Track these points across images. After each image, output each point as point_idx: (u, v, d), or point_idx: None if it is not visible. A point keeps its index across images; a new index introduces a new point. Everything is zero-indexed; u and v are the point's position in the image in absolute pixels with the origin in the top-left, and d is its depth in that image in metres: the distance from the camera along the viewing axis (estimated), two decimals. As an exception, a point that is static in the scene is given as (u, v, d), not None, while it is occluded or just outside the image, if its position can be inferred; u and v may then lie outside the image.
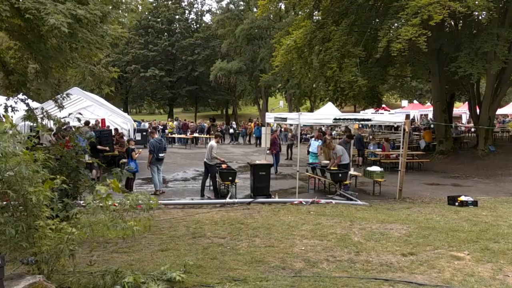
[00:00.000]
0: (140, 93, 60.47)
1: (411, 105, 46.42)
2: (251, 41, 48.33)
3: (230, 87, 55.81)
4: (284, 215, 9.80)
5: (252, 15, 45.47)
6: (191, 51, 56.75)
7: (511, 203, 11.95)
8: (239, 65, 47.86)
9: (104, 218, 4.70)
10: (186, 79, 57.63)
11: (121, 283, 4.84)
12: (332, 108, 25.37)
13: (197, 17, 64.41)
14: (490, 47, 18.74)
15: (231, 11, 51.00)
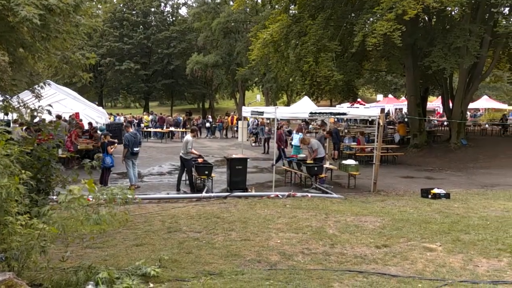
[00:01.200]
0: (115, 87, 59.69)
1: (386, 99, 46.97)
2: (227, 34, 48.13)
3: (206, 81, 55.53)
4: (260, 209, 9.82)
5: (228, 8, 45.28)
6: (167, 44, 56.24)
7: (482, 195, 12.23)
8: (215, 58, 47.64)
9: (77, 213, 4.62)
10: (162, 72, 57.09)
11: (94, 279, 4.77)
12: (308, 102, 25.44)
13: (173, 10, 63.80)
14: (463, 42, 19.07)
15: (207, 4, 50.67)
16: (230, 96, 59.58)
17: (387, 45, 20.01)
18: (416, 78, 23.89)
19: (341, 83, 21.49)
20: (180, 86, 58.08)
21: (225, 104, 71.26)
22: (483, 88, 48.19)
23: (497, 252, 6.42)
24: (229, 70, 48.57)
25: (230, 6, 44.56)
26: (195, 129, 14.67)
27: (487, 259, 6.14)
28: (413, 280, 5.37)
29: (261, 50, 22.35)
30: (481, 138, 26.47)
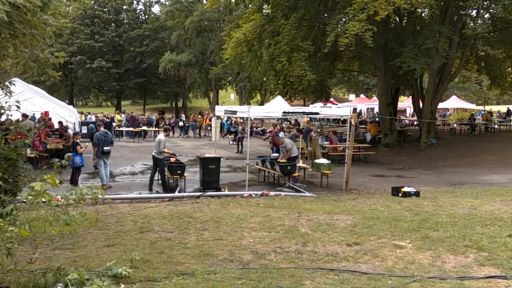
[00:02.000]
0: (86, 85, 58.75)
1: (358, 99, 47.61)
2: (201, 33, 47.95)
3: (179, 80, 55.21)
4: (233, 208, 9.81)
5: (201, 7, 45.14)
6: (140, 43, 55.66)
7: (450, 193, 12.51)
8: (188, 57, 47.40)
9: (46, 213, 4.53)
10: (134, 71, 56.45)
11: (63, 280, 4.68)
12: (281, 101, 25.60)
13: (146, 8, 63.17)
14: (432, 43, 19.46)
15: (181, 2, 50.37)
16: (204, 95, 59.36)
17: (359, 46, 20.29)
18: (387, 78, 24.27)
19: (314, 83, 21.67)
20: (153, 85, 57.57)
21: (198, 103, 70.94)
22: (452, 89, 49.30)
23: (464, 249, 6.58)
24: (203, 69, 48.40)
25: (203, 4, 44.42)
26: (168, 129, 14.55)
27: (454, 256, 6.29)
28: (383, 277, 5.45)
29: (235, 49, 22.33)
30: (450, 137, 27.07)
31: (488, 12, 21.10)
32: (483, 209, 9.80)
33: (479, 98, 59.79)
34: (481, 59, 25.62)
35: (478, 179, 15.92)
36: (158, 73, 50.34)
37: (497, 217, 8.88)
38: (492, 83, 29.29)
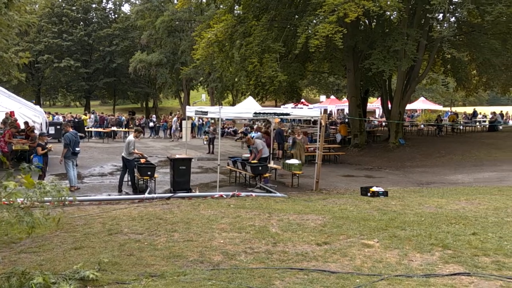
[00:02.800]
0: (54, 85, 57.42)
1: (329, 100, 48.10)
2: (172, 33, 47.59)
3: (150, 80, 54.65)
4: (204, 209, 9.77)
5: (172, 6, 44.79)
6: (109, 42, 54.81)
7: (417, 193, 12.77)
8: (159, 57, 46.97)
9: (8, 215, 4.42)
10: (103, 70, 55.53)
11: (28, 284, 4.58)
12: (252, 102, 25.63)
13: (115, 7, 62.25)
14: (401, 45, 19.84)
15: (151, 2, 49.82)
16: (175, 96, 58.87)
17: (329, 47, 20.52)
18: (356, 80, 24.62)
19: (285, 84, 21.81)
20: (122, 85, 56.76)
21: (169, 104, 70.38)
22: (420, 90, 50.33)
23: (430, 247, 6.73)
24: (174, 69, 48.02)
25: (174, 4, 44.05)
26: (139, 130, 14.33)
27: (420, 254, 6.43)
28: (351, 276, 5.53)
29: (206, 50, 22.25)
30: (417, 138, 27.65)
31: (453, 16, 21.68)
32: (448, 208, 10.04)
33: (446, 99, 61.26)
34: (447, 62, 26.26)
35: (444, 179, 16.31)
36: (128, 73, 49.66)
37: (461, 215, 9.12)
38: (458, 85, 30.06)
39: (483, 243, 6.97)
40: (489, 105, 65.67)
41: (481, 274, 5.57)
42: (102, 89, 58.99)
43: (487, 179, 15.73)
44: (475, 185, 14.40)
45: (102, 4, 60.10)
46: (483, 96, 67.58)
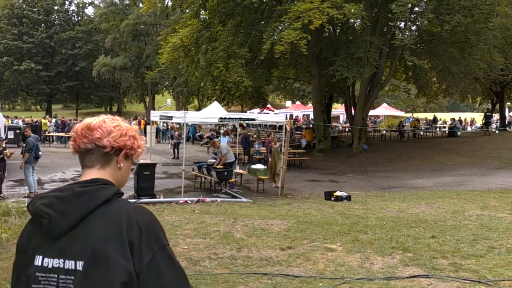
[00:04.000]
0: (14, 88, 55.77)
1: (294, 106, 48.55)
2: (136, 37, 47.11)
3: (114, 84, 53.91)
4: (168, 215, 9.69)
5: (137, 10, 44.33)
6: (72, 45, 53.75)
7: (380, 197, 13.03)
8: (124, 61, 46.40)
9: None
10: (66, 74, 54.36)
11: (-16, 294, 4.44)
12: (218, 107, 25.59)
13: (79, 9, 61.15)
14: (364, 53, 20.24)
15: (116, 5, 49.25)
16: (139, 100, 58.19)
17: (294, 54, 20.76)
18: (321, 86, 24.94)
19: (251, 89, 21.90)
20: (86, 89, 55.73)
21: (134, 108, 69.48)
22: (383, 96, 51.43)
23: (391, 250, 6.89)
24: (138, 73, 47.53)
25: (139, 8, 43.60)
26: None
27: (382, 257, 6.57)
28: (314, 279, 5.60)
29: (171, 54, 22.13)
30: (380, 143, 28.23)
31: (415, 24, 22.26)
32: (409, 212, 10.30)
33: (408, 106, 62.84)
34: (408, 69, 26.93)
35: (406, 183, 16.70)
36: (92, 76, 48.81)
37: (421, 219, 9.36)
38: (419, 91, 30.92)
39: (442, 245, 7.18)
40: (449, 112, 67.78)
41: (439, 276, 5.74)
42: (64, 93, 57.74)
43: (446, 184, 16.21)
44: (434, 189, 14.81)
45: (65, 6, 58.90)
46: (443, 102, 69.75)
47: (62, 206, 1.46)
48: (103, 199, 1.48)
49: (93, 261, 1.41)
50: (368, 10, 20.55)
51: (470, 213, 10.05)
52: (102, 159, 1.60)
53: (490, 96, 35.78)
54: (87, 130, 1.61)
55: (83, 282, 1.40)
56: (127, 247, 1.42)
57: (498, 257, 6.56)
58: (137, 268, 1.42)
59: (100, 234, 1.43)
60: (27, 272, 1.49)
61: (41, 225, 1.47)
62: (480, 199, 11.92)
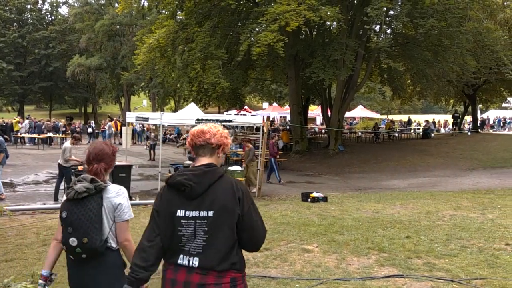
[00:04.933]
0: (-16, 88, 54.41)
1: (272, 107, 48.67)
2: (112, 37, 46.49)
3: (89, 84, 53.00)
4: (144, 217, 9.59)
5: (113, 10, 43.75)
6: (45, 45, 52.65)
7: (355, 198, 13.15)
8: (99, 61, 45.70)
9: None
10: (39, 74, 53.21)
11: (-47, 300, 4.32)
12: (195, 108, 25.43)
13: (52, 9, 59.92)
14: (340, 55, 20.43)
15: (90, 4, 48.48)
16: (115, 101, 57.46)
17: (271, 55, 20.80)
18: (298, 88, 25.08)
19: (228, 91, 21.88)
20: (60, 90, 54.64)
21: (109, 109, 68.59)
22: (358, 98, 52.02)
23: (367, 251, 6.96)
24: (114, 74, 46.86)
25: (114, 8, 43.08)
26: (77, 137, 13.77)
27: (358, 257, 6.64)
28: (291, 280, 5.62)
29: (147, 55, 21.93)
30: (356, 145, 28.53)
31: (390, 27, 22.60)
32: (384, 213, 10.43)
33: (383, 107, 63.60)
34: (384, 71, 27.29)
35: (381, 184, 16.92)
36: (66, 77, 47.86)
37: (396, 219, 9.50)
38: (394, 94, 31.36)
39: (416, 245, 7.29)
40: (423, 114, 68.90)
41: (413, 275, 5.83)
42: (37, 94, 56.50)
43: (421, 184, 16.48)
44: (409, 190, 15.04)
45: (38, 5, 57.73)
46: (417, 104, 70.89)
47: (197, 179, 2.52)
48: (219, 175, 2.57)
49: (219, 210, 2.48)
50: (344, 13, 20.76)
51: (443, 213, 10.24)
52: (211, 151, 2.65)
53: (462, 99, 36.49)
54: (201, 133, 2.64)
55: (213, 222, 2.47)
56: (237, 201, 2.52)
57: (470, 256, 6.70)
58: (241, 213, 2.52)
59: (222, 194, 2.51)
60: (173, 219, 2.52)
61: (184, 191, 2.51)
62: (453, 200, 12.17)
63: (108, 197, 3.08)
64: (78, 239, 2.97)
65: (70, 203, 3.03)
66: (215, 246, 2.48)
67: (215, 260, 2.47)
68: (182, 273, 2.50)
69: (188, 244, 2.51)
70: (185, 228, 2.50)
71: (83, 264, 3.05)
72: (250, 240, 2.61)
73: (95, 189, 3.03)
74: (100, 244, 2.99)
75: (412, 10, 19.47)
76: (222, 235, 2.49)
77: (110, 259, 3.07)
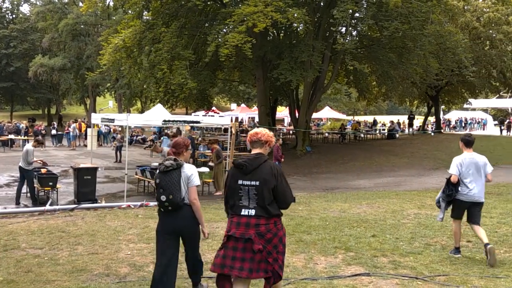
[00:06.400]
0: None
1: (240, 108, 48.71)
2: (76, 37, 45.47)
3: (53, 85, 51.71)
4: (110, 220, 9.44)
5: (77, 9, 42.83)
6: (6, 44, 51.07)
7: (323, 198, 13.28)
8: (63, 61, 44.63)
9: None
10: (-1, 74, 51.62)
11: None
12: (162, 109, 25.16)
13: (13, 7, 58.24)
14: (307, 57, 20.62)
15: (54, 3, 47.27)
16: (80, 102, 56.26)
17: (239, 56, 20.82)
18: (266, 89, 25.17)
19: (196, 92, 21.76)
20: (21, 90, 53.06)
21: (74, 110, 67.18)
22: (325, 100, 52.63)
23: (334, 250, 7.04)
24: (79, 75, 45.84)
25: (79, 7, 42.20)
26: (40, 140, 13.38)
27: (325, 257, 6.70)
28: (259, 281, 5.61)
29: (113, 55, 21.55)
30: (323, 146, 28.84)
31: (355, 30, 22.97)
32: (351, 212, 10.57)
33: (349, 109, 64.60)
34: (350, 73, 27.72)
35: (348, 184, 17.15)
36: (28, 77, 46.55)
37: (363, 219, 9.64)
38: (360, 95, 31.86)
39: (382, 244, 7.42)
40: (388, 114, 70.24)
41: (379, 273, 5.93)
42: (-3, 94, 54.79)
43: (386, 184, 16.79)
44: (375, 190, 15.29)
45: (-2, 4, 56.02)
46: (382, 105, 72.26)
47: (250, 162, 4.11)
48: (264, 160, 4.14)
49: (262, 181, 4.06)
50: (311, 15, 20.96)
51: (408, 212, 10.45)
52: (261, 146, 4.24)
53: (426, 100, 37.43)
54: (255, 133, 4.26)
55: (259, 188, 4.05)
56: (273, 176, 4.07)
57: (434, 254, 6.87)
58: (276, 183, 4.07)
59: (264, 172, 4.08)
60: (236, 186, 4.14)
61: (242, 169, 4.10)
62: (417, 199, 12.44)
63: (184, 171, 4.77)
64: (166, 196, 4.64)
65: (161, 174, 4.74)
66: (261, 202, 4.10)
67: (263, 211, 4.10)
68: (244, 219, 4.13)
69: (246, 201, 4.14)
70: (242, 191, 4.16)
71: (169, 214, 4.76)
72: (282, 201, 4.18)
73: (176, 165, 4.71)
74: (180, 200, 4.69)
75: (377, 13, 19.84)
76: (264, 196, 4.09)
77: (186, 211, 4.76)
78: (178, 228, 4.78)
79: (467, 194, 6.59)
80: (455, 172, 6.60)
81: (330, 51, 22.44)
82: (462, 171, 6.60)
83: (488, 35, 29.99)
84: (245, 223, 4.07)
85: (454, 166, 6.64)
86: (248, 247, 4.06)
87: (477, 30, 29.16)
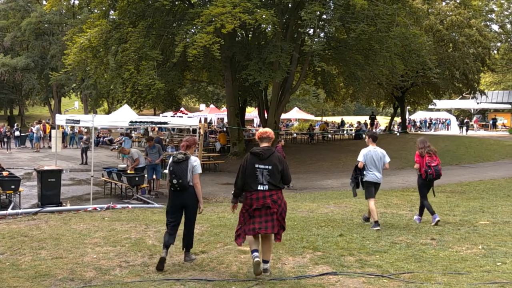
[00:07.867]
0: None
1: (209, 109, 48.44)
2: (40, 36, 44.44)
3: (15, 85, 50.33)
4: (75, 224, 9.24)
5: (41, 8, 41.84)
6: (-35, 43, 49.47)
7: (292, 198, 13.37)
8: (26, 61, 43.52)
9: None
10: (-42, 74, 49.85)
11: None
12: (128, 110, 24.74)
13: (-26, 5, 56.44)
14: (275, 58, 20.69)
15: (16, 1, 46.06)
16: (44, 103, 54.90)
17: (208, 57, 20.74)
18: (235, 90, 25.14)
19: (163, 92, 21.54)
20: (-18, 91, 51.47)
21: (38, 111, 65.53)
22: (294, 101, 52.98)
23: (302, 250, 7.08)
24: (43, 75, 44.79)
25: (42, 5, 41.21)
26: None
27: (293, 257, 6.73)
28: (227, 282, 5.61)
29: (78, 55, 21.13)
30: (292, 146, 29.02)
31: (323, 31, 23.17)
32: (319, 212, 10.67)
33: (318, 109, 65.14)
34: (318, 74, 27.94)
35: (316, 184, 17.31)
36: (-11, 77, 45.22)
37: (330, 218, 9.75)
38: (327, 96, 32.18)
39: (349, 243, 7.51)
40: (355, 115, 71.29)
41: (346, 272, 6.00)
42: (-44, 95, 52.88)
43: (353, 184, 16.98)
44: (342, 190, 15.49)
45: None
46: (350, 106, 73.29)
47: (264, 151, 5.81)
48: (274, 151, 5.90)
49: (273, 165, 5.75)
50: (279, 16, 21.06)
51: (374, 211, 10.60)
52: (268, 141, 5.96)
53: (392, 101, 38.14)
54: (264, 132, 6.02)
55: (271, 170, 5.73)
56: (280, 162, 5.81)
57: (399, 252, 6.99)
58: (282, 168, 5.82)
59: (274, 159, 5.78)
60: (254, 169, 5.75)
61: (258, 156, 5.77)
62: (383, 198, 12.66)
63: (191, 162, 6.36)
64: (177, 180, 6.23)
65: (174, 163, 6.32)
66: (272, 180, 5.70)
67: (273, 186, 5.71)
68: (260, 192, 5.69)
69: (260, 180, 5.69)
70: (258, 172, 5.71)
71: (178, 193, 6.33)
72: (286, 180, 5.89)
73: (185, 157, 6.32)
74: (186, 183, 6.30)
75: (344, 15, 20.09)
76: (275, 176, 5.72)
77: (190, 190, 6.37)
78: (185, 202, 6.37)
79: (372, 176, 8.57)
80: (362, 160, 8.67)
81: (298, 53, 22.59)
82: (367, 160, 8.62)
83: (451, 38, 30.83)
84: (262, 196, 5.66)
85: (361, 156, 8.70)
86: (268, 212, 5.68)
87: (441, 32, 29.93)
